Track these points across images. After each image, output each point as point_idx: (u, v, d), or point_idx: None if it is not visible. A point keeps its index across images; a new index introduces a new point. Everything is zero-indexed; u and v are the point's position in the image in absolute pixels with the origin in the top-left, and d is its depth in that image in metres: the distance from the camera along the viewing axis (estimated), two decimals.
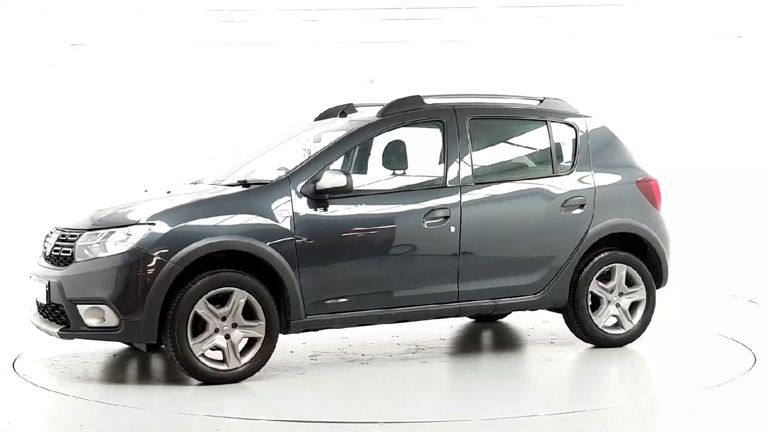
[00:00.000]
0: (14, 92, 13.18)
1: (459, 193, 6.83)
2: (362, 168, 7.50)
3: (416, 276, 6.71)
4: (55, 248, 6.45)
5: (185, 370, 6.13)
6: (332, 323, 6.54)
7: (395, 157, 7.01)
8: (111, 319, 6.02)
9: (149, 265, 5.98)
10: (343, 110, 7.46)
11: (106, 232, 6.16)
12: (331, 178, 6.37)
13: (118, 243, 6.07)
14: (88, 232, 6.23)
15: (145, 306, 5.96)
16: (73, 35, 13.83)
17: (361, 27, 13.48)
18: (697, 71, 14.09)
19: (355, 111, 7.45)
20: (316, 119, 7.84)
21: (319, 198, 6.43)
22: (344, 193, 6.45)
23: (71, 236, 6.34)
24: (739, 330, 8.14)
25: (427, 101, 7.08)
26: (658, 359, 7.19)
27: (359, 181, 6.79)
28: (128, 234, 6.07)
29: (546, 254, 7.10)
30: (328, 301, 6.46)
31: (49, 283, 6.27)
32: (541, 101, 7.49)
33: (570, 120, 7.45)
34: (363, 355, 7.22)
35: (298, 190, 6.41)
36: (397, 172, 7.05)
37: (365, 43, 13.91)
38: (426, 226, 6.69)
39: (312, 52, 14.06)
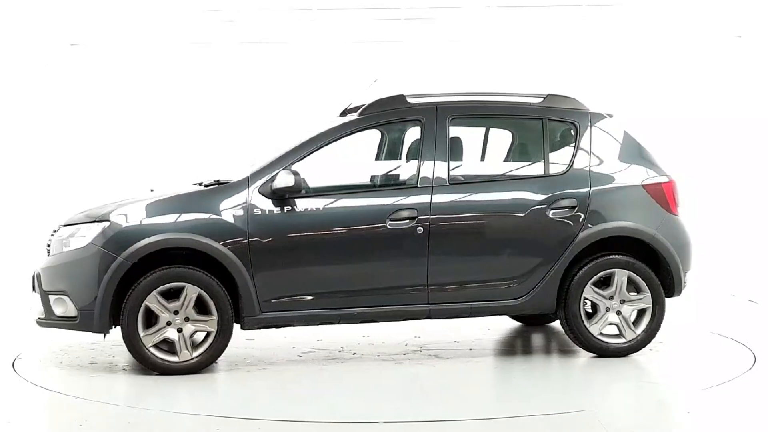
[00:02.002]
0: (13, 92, 13.17)
1: (430, 194, 6.72)
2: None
3: (378, 276, 6.66)
4: (47, 242, 6.86)
5: (137, 360, 6.45)
6: (290, 321, 6.62)
7: (412, 152, 6.98)
8: (71, 309, 6.48)
9: (102, 260, 6.38)
10: (345, 110, 7.42)
11: (74, 228, 6.60)
12: (283, 179, 6.47)
13: (80, 239, 6.51)
14: (63, 228, 6.68)
15: (97, 298, 6.33)
16: (73, 35, 13.82)
17: (361, 27, 13.47)
18: (697, 71, 14.08)
19: None
20: (340, 115, 7.74)
21: (277, 197, 6.52)
22: (296, 193, 6.53)
23: (54, 231, 6.78)
24: (739, 330, 8.14)
25: (412, 101, 6.96)
26: (658, 359, 7.15)
27: (325, 181, 6.81)
28: (89, 230, 6.49)
29: (528, 257, 6.81)
30: (285, 299, 6.53)
31: (33, 275, 6.75)
32: (545, 98, 7.19)
33: (571, 118, 7.11)
34: (354, 354, 7.21)
35: (257, 190, 6.53)
36: (380, 170, 7.05)
37: (365, 43, 13.90)
38: (389, 226, 6.63)
39: (312, 52, 14.05)
